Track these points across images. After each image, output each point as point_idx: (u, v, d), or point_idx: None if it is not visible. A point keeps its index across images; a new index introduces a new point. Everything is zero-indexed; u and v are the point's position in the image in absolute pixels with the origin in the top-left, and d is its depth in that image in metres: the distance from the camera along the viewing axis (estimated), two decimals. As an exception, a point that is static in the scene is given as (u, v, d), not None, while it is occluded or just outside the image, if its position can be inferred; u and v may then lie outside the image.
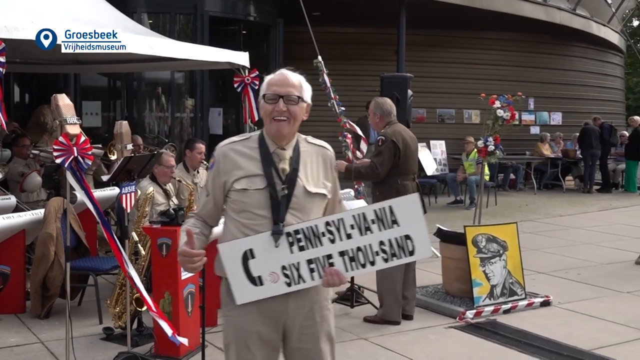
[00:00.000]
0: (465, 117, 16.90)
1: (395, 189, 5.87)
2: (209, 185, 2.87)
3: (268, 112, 2.77)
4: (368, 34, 15.61)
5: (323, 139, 3.10)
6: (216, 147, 2.87)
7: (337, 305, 6.42)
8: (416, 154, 6.20)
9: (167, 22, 12.01)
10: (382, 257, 2.82)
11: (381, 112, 6.12)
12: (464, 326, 6.00)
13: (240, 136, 2.90)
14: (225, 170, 2.80)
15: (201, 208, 2.92)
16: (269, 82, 2.81)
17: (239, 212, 2.78)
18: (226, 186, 2.80)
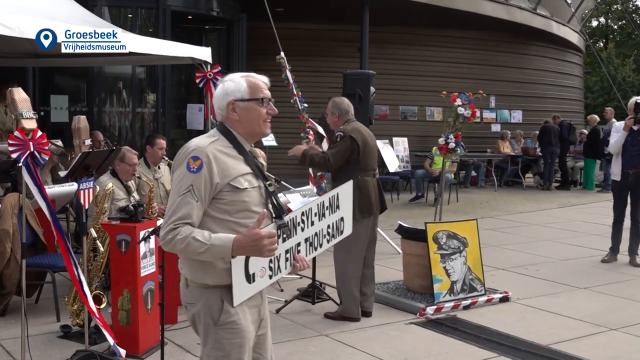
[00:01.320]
0: (428, 115, 17.02)
1: (356, 184, 5.87)
2: (198, 189, 2.72)
3: (263, 115, 2.90)
4: (331, 31, 15.62)
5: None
6: (196, 148, 2.76)
7: (298, 301, 6.42)
8: (375, 151, 6.22)
9: (128, 16, 11.86)
10: (327, 239, 3.10)
11: (339, 111, 6.12)
12: (424, 322, 6.04)
13: (211, 136, 2.87)
14: (218, 171, 2.75)
15: (192, 215, 2.72)
16: (258, 85, 2.91)
17: (235, 213, 2.78)
18: (217, 188, 2.75)
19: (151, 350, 5.07)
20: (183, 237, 2.68)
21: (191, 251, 2.69)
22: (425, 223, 6.56)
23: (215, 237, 2.69)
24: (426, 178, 13.91)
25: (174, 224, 2.70)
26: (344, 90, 8.50)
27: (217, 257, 2.73)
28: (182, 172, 2.75)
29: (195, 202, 2.72)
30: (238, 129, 2.89)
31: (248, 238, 2.67)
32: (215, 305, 2.80)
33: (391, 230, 7.33)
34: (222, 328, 2.81)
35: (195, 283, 2.83)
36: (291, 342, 5.50)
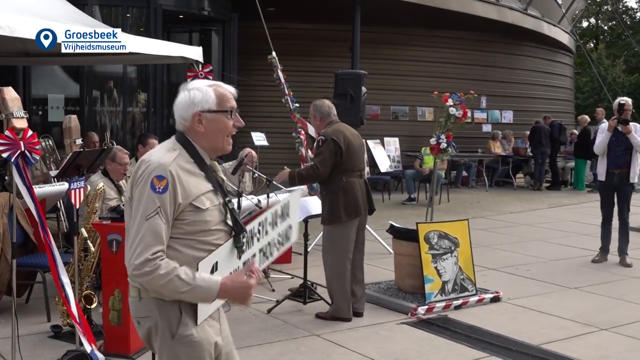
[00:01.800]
0: (419, 115, 17.05)
1: (341, 187, 5.89)
2: (165, 211, 2.54)
3: (229, 128, 2.74)
4: (323, 31, 15.62)
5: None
6: (159, 166, 2.57)
7: (289, 301, 6.42)
8: (361, 151, 6.19)
9: (120, 15, 11.82)
10: (276, 248, 3.00)
11: (320, 114, 6.10)
12: (416, 322, 6.05)
13: (172, 150, 2.68)
14: (181, 191, 2.58)
15: (164, 239, 2.55)
16: (226, 96, 2.73)
17: (196, 233, 2.62)
18: (179, 208, 2.58)
19: (142, 350, 5.05)
20: (165, 272, 2.50)
21: (171, 289, 2.52)
22: (416, 223, 6.56)
23: (200, 278, 2.54)
24: (417, 178, 13.92)
25: (152, 254, 2.50)
26: (335, 90, 8.51)
27: (198, 299, 2.58)
28: (146, 192, 2.55)
29: (164, 224, 2.54)
30: (201, 142, 2.71)
31: (237, 285, 2.60)
32: (173, 317, 2.64)
33: (382, 230, 7.34)
34: (180, 342, 2.64)
35: (149, 295, 2.63)
36: (282, 342, 5.49)
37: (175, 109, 2.73)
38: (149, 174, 2.56)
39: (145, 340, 2.74)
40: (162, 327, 2.64)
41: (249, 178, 8.24)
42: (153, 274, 2.50)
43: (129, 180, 2.69)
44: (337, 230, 5.96)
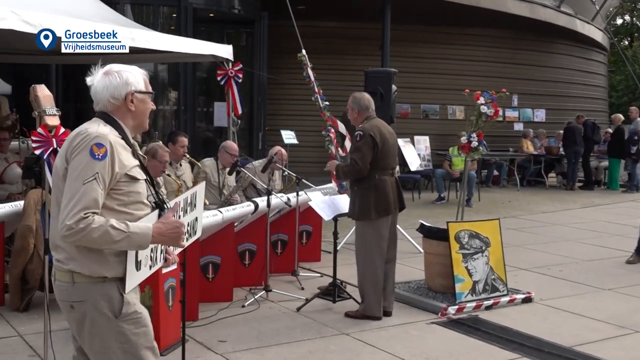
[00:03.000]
0: (450, 113, 16.94)
1: (373, 184, 5.85)
2: (102, 177, 2.64)
3: (149, 108, 2.93)
4: (353, 29, 15.59)
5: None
6: (99, 135, 2.68)
7: (319, 300, 6.40)
8: (395, 149, 6.15)
9: (151, 14, 11.91)
10: (186, 237, 3.04)
11: (359, 107, 6.06)
12: (446, 322, 5.99)
13: (102, 125, 2.78)
14: (119, 161, 2.71)
15: (99, 203, 2.64)
16: (147, 79, 2.92)
17: (129, 204, 2.75)
18: (116, 177, 2.70)
19: (172, 347, 5.07)
20: (98, 225, 2.58)
21: (106, 240, 2.59)
22: (447, 222, 6.50)
23: (133, 225, 2.65)
24: (447, 177, 13.84)
25: (84, 213, 2.58)
26: (365, 89, 8.45)
27: (134, 245, 2.68)
28: (84, 159, 2.64)
29: (101, 190, 2.63)
30: (127, 121, 2.86)
31: (169, 225, 2.73)
32: (115, 297, 2.72)
33: (412, 229, 7.29)
34: (126, 320, 2.74)
35: (85, 278, 2.70)
36: (311, 340, 5.48)
37: (102, 91, 2.82)
38: (88, 142, 2.66)
39: (76, 324, 2.78)
40: (102, 308, 2.70)
41: (278, 176, 8.25)
42: (87, 228, 2.56)
43: (60, 153, 2.80)
44: (369, 227, 5.92)
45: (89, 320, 2.72)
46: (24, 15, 5.97)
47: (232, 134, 9.00)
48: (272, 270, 6.87)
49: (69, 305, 2.74)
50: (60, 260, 2.73)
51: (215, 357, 5.04)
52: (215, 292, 6.23)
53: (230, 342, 5.32)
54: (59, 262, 2.73)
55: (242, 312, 6.06)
